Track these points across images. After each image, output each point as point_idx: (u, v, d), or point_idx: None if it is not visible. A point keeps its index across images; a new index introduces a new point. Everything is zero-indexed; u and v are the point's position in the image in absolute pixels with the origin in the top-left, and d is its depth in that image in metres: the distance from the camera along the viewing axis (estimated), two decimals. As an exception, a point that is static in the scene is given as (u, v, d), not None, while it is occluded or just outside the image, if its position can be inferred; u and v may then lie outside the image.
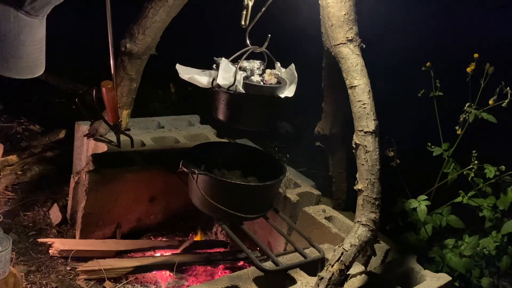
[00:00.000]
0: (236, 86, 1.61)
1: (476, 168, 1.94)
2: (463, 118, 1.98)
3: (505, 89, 1.86)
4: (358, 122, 1.64)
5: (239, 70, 1.65)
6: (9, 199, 2.32)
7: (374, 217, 1.58)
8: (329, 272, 1.42)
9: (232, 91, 1.62)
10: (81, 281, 1.88)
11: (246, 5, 1.61)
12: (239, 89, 1.61)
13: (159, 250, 2.14)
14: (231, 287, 1.49)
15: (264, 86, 1.66)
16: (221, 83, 1.62)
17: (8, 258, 1.41)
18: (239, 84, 1.61)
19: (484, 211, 1.95)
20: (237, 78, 1.60)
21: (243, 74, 1.66)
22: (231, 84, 1.61)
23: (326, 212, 2.05)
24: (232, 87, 1.61)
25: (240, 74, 1.62)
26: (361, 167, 1.62)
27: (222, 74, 1.62)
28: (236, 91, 1.61)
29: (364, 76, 1.67)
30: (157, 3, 1.94)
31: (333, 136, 2.28)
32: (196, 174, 1.63)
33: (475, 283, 1.93)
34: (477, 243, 1.94)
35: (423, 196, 1.98)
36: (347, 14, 1.72)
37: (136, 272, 1.96)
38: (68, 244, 2.01)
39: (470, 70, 1.94)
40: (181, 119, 2.66)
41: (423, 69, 2.06)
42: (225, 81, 1.62)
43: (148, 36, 1.99)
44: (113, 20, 1.74)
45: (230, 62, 1.66)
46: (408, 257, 1.83)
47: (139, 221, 2.23)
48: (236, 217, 1.70)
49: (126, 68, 2.05)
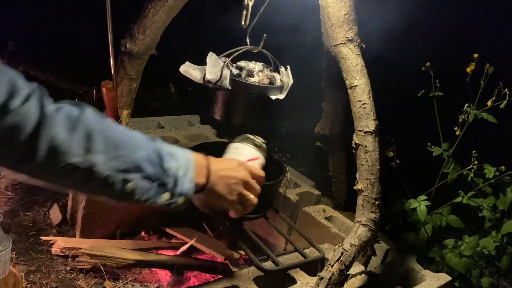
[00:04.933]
0: (222, 81, 1.61)
1: (476, 168, 1.94)
2: (463, 118, 1.98)
3: (503, 90, 1.86)
4: (358, 122, 1.65)
5: (232, 68, 1.65)
6: (9, 199, 2.32)
7: (374, 217, 1.58)
8: (329, 272, 1.42)
9: (218, 86, 1.62)
10: (81, 281, 1.88)
11: (246, 5, 1.61)
12: (225, 85, 1.61)
13: (161, 251, 2.14)
14: (231, 287, 1.49)
15: (251, 85, 1.66)
16: (208, 77, 1.63)
17: (8, 257, 1.41)
18: (225, 80, 1.61)
19: (484, 211, 1.96)
20: (223, 74, 1.60)
21: (235, 71, 1.66)
22: (218, 78, 1.61)
23: (326, 212, 2.05)
24: (219, 82, 1.61)
25: (227, 70, 1.62)
26: (361, 167, 1.62)
27: (209, 68, 1.62)
28: (221, 87, 1.61)
29: (364, 76, 1.67)
30: (157, 3, 1.94)
31: (333, 136, 2.28)
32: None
33: (475, 283, 1.93)
34: (477, 243, 1.94)
35: (423, 196, 1.99)
36: (347, 14, 1.72)
37: (137, 265, 1.95)
38: (71, 243, 2.01)
39: (470, 70, 1.94)
40: (181, 119, 2.66)
41: (423, 69, 2.07)
42: (212, 75, 1.62)
43: (148, 36, 1.99)
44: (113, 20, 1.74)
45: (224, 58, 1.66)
46: (408, 257, 1.83)
47: (139, 221, 2.23)
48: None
49: (126, 68, 2.05)
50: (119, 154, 0.94)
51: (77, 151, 0.89)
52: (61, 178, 0.92)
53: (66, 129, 0.88)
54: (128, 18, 2.02)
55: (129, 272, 1.97)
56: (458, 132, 2.00)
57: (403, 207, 2.00)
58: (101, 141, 0.92)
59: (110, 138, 0.94)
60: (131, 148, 0.97)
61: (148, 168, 0.98)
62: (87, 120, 0.92)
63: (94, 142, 0.91)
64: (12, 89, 0.82)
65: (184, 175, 1.06)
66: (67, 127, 0.88)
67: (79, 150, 0.89)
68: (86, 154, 0.90)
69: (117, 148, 0.94)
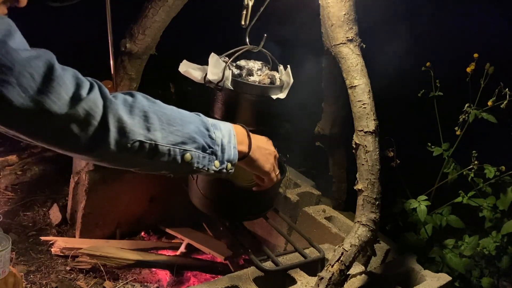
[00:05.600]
0: (224, 82, 1.61)
1: (476, 168, 1.94)
2: (463, 118, 1.98)
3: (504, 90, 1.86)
4: (358, 122, 1.64)
5: (233, 68, 1.65)
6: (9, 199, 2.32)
7: (374, 217, 1.58)
8: (329, 272, 1.42)
9: (220, 87, 1.62)
10: (81, 281, 1.88)
11: (246, 5, 1.61)
12: (227, 85, 1.61)
13: (161, 251, 2.14)
14: (231, 287, 1.49)
15: (254, 85, 1.65)
16: (210, 78, 1.63)
17: (7, 257, 1.41)
18: (227, 80, 1.61)
19: (484, 211, 1.95)
20: (225, 74, 1.60)
21: (236, 71, 1.66)
22: (220, 79, 1.61)
23: (326, 212, 2.05)
24: (221, 83, 1.61)
25: (229, 71, 1.62)
26: (361, 167, 1.62)
27: (211, 69, 1.62)
28: (223, 87, 1.61)
29: (364, 76, 1.67)
30: (157, 3, 1.94)
31: (333, 136, 2.28)
32: (196, 174, 1.63)
33: (475, 283, 1.93)
34: (477, 243, 1.94)
35: (423, 196, 1.98)
36: (347, 14, 1.72)
37: (136, 265, 1.95)
38: (71, 243, 2.01)
39: (470, 70, 1.94)
40: (181, 119, 2.65)
41: (423, 69, 2.06)
42: (214, 76, 1.62)
43: (148, 36, 1.99)
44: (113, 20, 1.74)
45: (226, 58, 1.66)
46: (408, 257, 1.83)
47: (139, 221, 2.23)
48: (236, 217, 1.70)
49: (126, 68, 2.05)
50: (173, 129, 1.06)
51: (140, 130, 1.00)
52: (129, 157, 1.02)
53: (127, 112, 0.99)
54: (128, 18, 2.02)
55: (129, 272, 1.97)
56: (458, 132, 2.00)
57: (403, 207, 1.99)
58: (156, 120, 1.03)
59: (163, 116, 1.05)
60: (182, 123, 1.08)
61: (199, 139, 1.10)
62: (141, 103, 1.02)
63: (151, 121, 1.02)
64: (78, 81, 0.93)
65: (228, 143, 1.17)
66: (127, 110, 0.99)
67: (141, 129, 1.00)
68: (147, 132, 1.01)
69: (171, 124, 1.06)
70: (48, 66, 0.89)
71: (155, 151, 1.04)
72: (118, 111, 0.97)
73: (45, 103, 0.87)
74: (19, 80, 0.84)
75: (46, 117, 0.88)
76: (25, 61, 0.85)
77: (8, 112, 0.86)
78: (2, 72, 0.83)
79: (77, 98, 0.91)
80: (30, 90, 0.85)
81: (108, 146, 0.97)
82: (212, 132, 1.14)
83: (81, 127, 0.92)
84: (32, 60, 0.87)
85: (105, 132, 0.95)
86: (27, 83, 0.85)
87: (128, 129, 0.98)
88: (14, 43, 0.85)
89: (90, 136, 0.94)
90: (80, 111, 0.91)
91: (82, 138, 0.94)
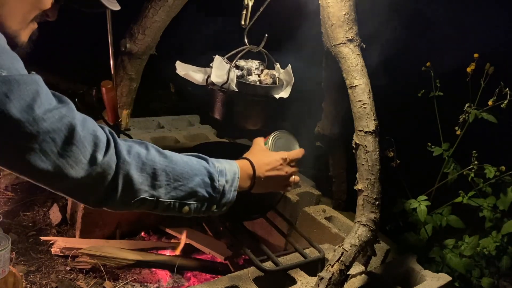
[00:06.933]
0: (229, 84, 1.60)
1: (476, 168, 1.94)
2: (463, 118, 1.98)
3: (505, 89, 1.86)
4: (358, 122, 1.64)
5: (235, 69, 1.64)
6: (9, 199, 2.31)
7: (374, 217, 1.58)
8: (329, 272, 1.42)
9: (225, 89, 1.61)
10: (81, 281, 1.88)
11: (246, 5, 1.61)
12: (232, 87, 1.61)
13: (161, 251, 2.14)
14: (231, 287, 1.49)
15: (258, 86, 1.65)
16: (214, 81, 1.62)
17: (7, 257, 1.41)
18: (232, 82, 1.61)
19: (484, 211, 1.95)
20: (230, 76, 1.60)
21: (238, 72, 1.66)
22: (224, 81, 1.61)
23: (326, 212, 2.05)
24: (225, 85, 1.61)
25: (233, 73, 1.62)
26: (361, 167, 1.62)
27: (215, 71, 1.62)
28: (229, 89, 1.61)
29: (364, 76, 1.67)
30: (157, 3, 1.94)
31: (333, 136, 2.28)
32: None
33: (475, 283, 1.93)
34: (477, 243, 1.93)
35: (423, 196, 1.98)
36: (347, 14, 1.72)
37: (136, 265, 1.95)
38: (71, 243, 2.01)
39: (470, 70, 1.94)
40: (181, 119, 2.66)
41: (423, 69, 2.06)
42: (218, 79, 1.62)
43: (148, 36, 1.99)
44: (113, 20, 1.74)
45: (226, 60, 1.66)
46: (408, 257, 1.83)
47: (139, 221, 2.22)
48: (236, 217, 1.70)
49: (126, 68, 2.05)
50: (178, 185, 1.13)
51: (146, 187, 1.07)
52: (133, 208, 1.10)
53: (138, 170, 1.05)
54: (128, 18, 2.02)
55: (129, 272, 1.97)
56: (459, 132, 2.00)
57: (403, 207, 1.99)
58: (164, 176, 1.10)
59: (172, 172, 1.12)
60: (188, 177, 1.15)
61: (201, 191, 1.17)
62: (153, 159, 1.09)
63: (159, 178, 1.09)
64: (96, 141, 0.98)
65: (230, 187, 1.24)
66: (138, 168, 1.06)
67: (147, 187, 1.08)
68: (153, 189, 1.09)
69: (177, 180, 1.13)
70: (70, 129, 0.93)
71: (156, 204, 1.12)
72: (130, 169, 1.04)
73: (64, 168, 0.93)
74: (41, 146, 0.89)
75: (63, 179, 0.95)
76: (49, 126, 0.89)
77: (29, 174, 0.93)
78: (27, 140, 0.87)
79: (93, 161, 0.97)
80: (51, 154, 0.91)
81: (114, 203, 1.05)
82: (216, 181, 1.20)
83: (92, 189, 1.00)
84: (55, 123, 0.90)
85: (114, 192, 1.03)
86: (49, 147, 0.90)
87: (135, 188, 1.05)
88: (40, 107, 0.88)
89: (100, 195, 1.02)
90: (94, 174, 0.97)
91: (91, 197, 1.03)
